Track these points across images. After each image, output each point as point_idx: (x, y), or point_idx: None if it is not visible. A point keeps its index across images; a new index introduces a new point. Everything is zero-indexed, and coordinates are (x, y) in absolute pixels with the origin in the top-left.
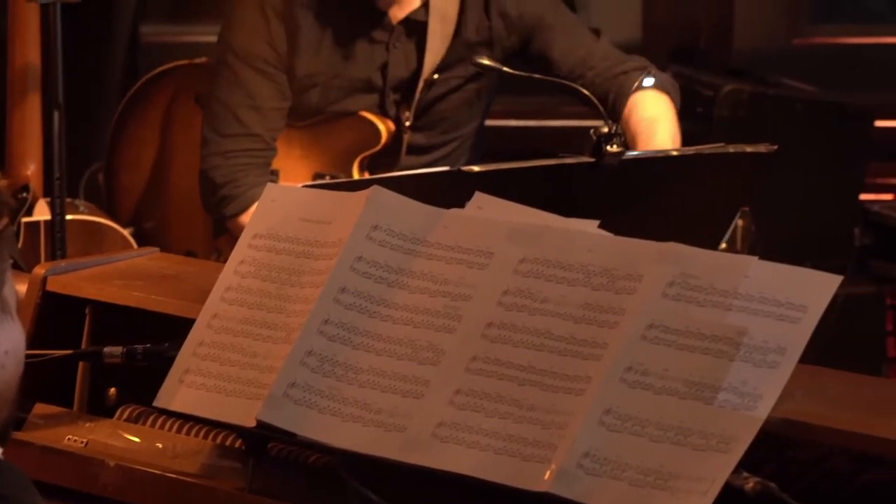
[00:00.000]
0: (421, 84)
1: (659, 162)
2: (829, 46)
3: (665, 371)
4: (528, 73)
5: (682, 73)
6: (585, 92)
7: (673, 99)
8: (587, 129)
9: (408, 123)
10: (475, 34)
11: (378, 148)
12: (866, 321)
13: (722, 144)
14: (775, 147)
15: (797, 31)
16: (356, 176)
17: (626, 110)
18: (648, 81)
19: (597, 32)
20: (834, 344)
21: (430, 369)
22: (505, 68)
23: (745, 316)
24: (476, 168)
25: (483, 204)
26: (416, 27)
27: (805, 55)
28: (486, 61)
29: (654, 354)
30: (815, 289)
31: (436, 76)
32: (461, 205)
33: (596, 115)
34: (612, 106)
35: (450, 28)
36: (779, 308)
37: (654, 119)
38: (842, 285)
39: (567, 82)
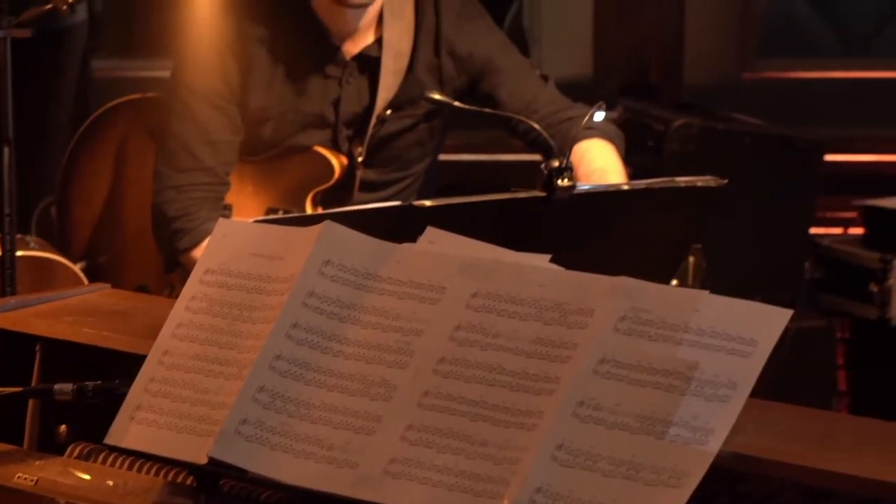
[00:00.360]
0: (374, 120)
1: (610, 196)
2: (778, 81)
3: (617, 406)
4: (479, 108)
5: (632, 107)
6: (536, 126)
7: (618, 147)
8: (538, 163)
9: (360, 159)
10: (426, 72)
11: (331, 183)
12: (817, 355)
13: (672, 179)
14: (725, 181)
15: (747, 66)
16: (309, 211)
17: (573, 159)
18: (593, 132)
19: (545, 78)
20: (785, 377)
21: (382, 405)
22: (456, 103)
23: (696, 350)
24: (428, 203)
25: (435, 238)
26: (369, 63)
27: (754, 89)
28: (437, 96)
29: (606, 389)
30: (766, 323)
31: (388, 112)
32: (413, 239)
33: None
34: (558, 152)
35: (403, 64)
36: (730, 342)
37: (604, 170)
38: (792, 319)
39: (520, 117)
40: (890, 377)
